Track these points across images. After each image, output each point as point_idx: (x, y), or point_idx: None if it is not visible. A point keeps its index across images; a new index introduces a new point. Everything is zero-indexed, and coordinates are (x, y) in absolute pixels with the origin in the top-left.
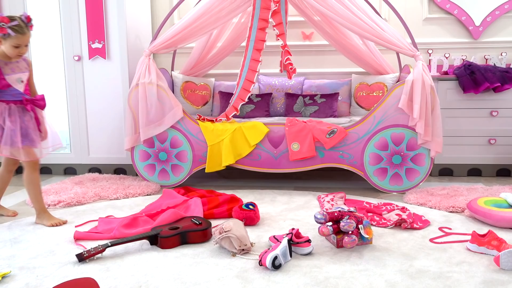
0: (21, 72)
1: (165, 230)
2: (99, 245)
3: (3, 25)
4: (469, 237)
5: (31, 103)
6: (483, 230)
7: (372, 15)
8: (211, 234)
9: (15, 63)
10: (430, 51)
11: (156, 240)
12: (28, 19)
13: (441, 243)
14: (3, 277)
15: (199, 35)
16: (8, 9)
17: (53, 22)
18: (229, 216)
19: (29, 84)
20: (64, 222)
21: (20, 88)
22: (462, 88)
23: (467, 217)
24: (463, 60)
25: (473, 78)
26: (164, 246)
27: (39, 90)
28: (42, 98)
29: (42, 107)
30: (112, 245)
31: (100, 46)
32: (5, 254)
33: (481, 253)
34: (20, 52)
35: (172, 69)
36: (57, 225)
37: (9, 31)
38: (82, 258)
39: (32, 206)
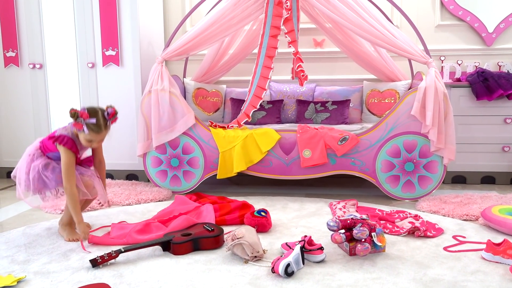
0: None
1: (178, 236)
2: (112, 251)
3: (80, 121)
4: (483, 246)
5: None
6: (498, 238)
7: (384, 22)
8: (224, 241)
9: (84, 148)
10: (442, 58)
11: (169, 246)
12: (112, 114)
13: (455, 251)
14: (18, 281)
15: (211, 42)
16: (25, 22)
17: (67, 29)
18: (241, 222)
19: (96, 154)
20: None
21: (82, 155)
22: (475, 95)
23: (481, 225)
24: (476, 67)
25: (486, 85)
26: (176, 252)
27: (54, 96)
28: (90, 160)
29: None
30: (125, 251)
31: (113, 53)
32: (20, 259)
33: (497, 262)
34: (93, 146)
35: (184, 76)
36: (74, 241)
37: (84, 128)
38: (95, 263)
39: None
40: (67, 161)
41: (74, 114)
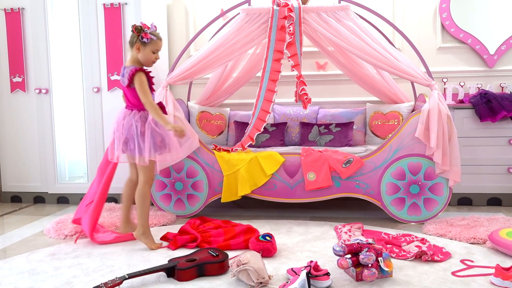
0: None
1: (182, 262)
2: (116, 278)
3: (146, 30)
4: (492, 270)
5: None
6: (506, 263)
7: (385, 45)
8: (228, 266)
9: None
10: (445, 80)
11: (173, 272)
12: (155, 28)
13: (464, 276)
14: None
15: (215, 66)
16: (32, 48)
17: (73, 55)
18: (246, 247)
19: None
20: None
21: None
22: (479, 116)
23: (489, 248)
24: (479, 88)
25: (489, 107)
26: (181, 279)
27: (60, 121)
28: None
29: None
30: (129, 278)
31: (119, 78)
32: (23, 286)
33: (506, 287)
34: (156, 58)
35: (188, 100)
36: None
37: (152, 36)
38: None
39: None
40: (145, 82)
41: (139, 27)
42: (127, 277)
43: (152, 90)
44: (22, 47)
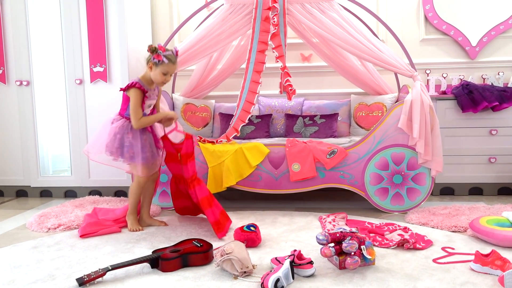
0: (152, 99)
1: (166, 253)
2: (99, 269)
3: (160, 52)
4: (472, 257)
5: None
6: (486, 249)
7: (369, 37)
8: (213, 257)
9: (152, 91)
10: (428, 71)
11: (157, 263)
12: (177, 53)
13: (445, 263)
14: None
15: (200, 58)
16: (12, 39)
17: (55, 46)
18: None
19: (156, 107)
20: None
21: (147, 111)
22: (461, 107)
23: (469, 236)
24: (461, 79)
25: (471, 98)
26: (165, 269)
27: (41, 113)
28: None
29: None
30: (112, 269)
31: (101, 69)
32: (5, 279)
33: (485, 273)
34: (165, 80)
35: (173, 92)
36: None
37: (164, 59)
38: (82, 282)
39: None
40: (137, 99)
41: (154, 48)
42: (110, 268)
43: (142, 108)
44: (2, 37)
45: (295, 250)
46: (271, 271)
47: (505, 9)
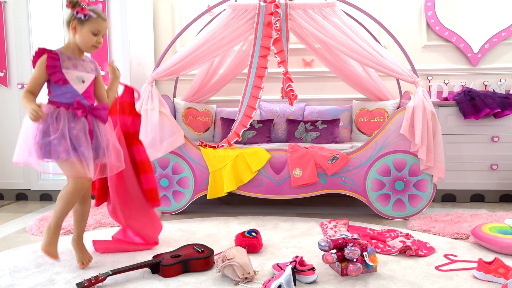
0: (84, 72)
1: (167, 258)
2: (99, 274)
3: (84, 6)
4: (475, 265)
5: (86, 110)
6: (489, 257)
7: (372, 43)
8: (214, 262)
9: (80, 61)
10: (429, 78)
11: (158, 268)
12: (104, 10)
13: (447, 270)
14: None
15: (201, 62)
16: (14, 42)
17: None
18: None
19: (96, 90)
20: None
21: (79, 89)
22: (463, 114)
23: (472, 243)
24: (463, 86)
25: (473, 104)
26: (165, 275)
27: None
28: (104, 107)
29: (102, 118)
30: (113, 274)
31: (103, 73)
32: (4, 283)
33: (488, 281)
34: (97, 42)
35: (174, 96)
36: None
37: (91, 13)
38: (82, 287)
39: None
40: (39, 67)
41: (74, 1)
42: (110, 273)
43: (59, 79)
44: (4, 41)
45: (296, 256)
46: (272, 277)
47: (507, 16)
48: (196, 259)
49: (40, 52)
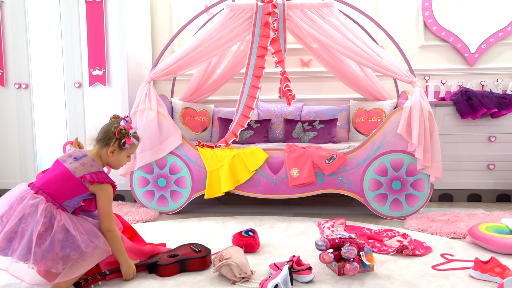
0: None
1: (164, 257)
2: (96, 274)
3: (130, 134)
4: (471, 264)
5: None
6: (485, 256)
7: (369, 43)
8: (211, 262)
9: None
10: (427, 78)
11: (155, 268)
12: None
13: (444, 270)
14: None
15: (199, 62)
16: (11, 41)
17: (54, 49)
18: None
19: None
20: None
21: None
22: (460, 113)
23: (468, 243)
24: (460, 86)
25: (470, 104)
26: (162, 274)
27: (40, 116)
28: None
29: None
30: (110, 274)
31: (100, 73)
32: (1, 282)
33: (485, 280)
34: (126, 162)
35: (172, 96)
36: None
37: (134, 141)
38: (79, 286)
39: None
40: (111, 199)
41: (124, 132)
42: (108, 273)
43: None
44: (1, 40)
45: (293, 256)
46: (269, 276)
47: (504, 17)
48: (193, 258)
49: (108, 181)
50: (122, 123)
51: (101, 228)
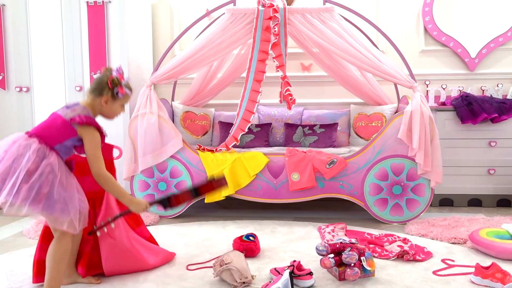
0: None
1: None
2: (109, 218)
3: (122, 83)
4: (472, 269)
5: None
6: (486, 262)
7: (370, 47)
8: (226, 183)
9: None
10: (427, 82)
11: (169, 202)
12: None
13: (445, 275)
14: None
15: (200, 66)
16: (12, 45)
17: (55, 52)
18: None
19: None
20: None
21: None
22: (460, 118)
23: (469, 248)
24: (460, 91)
25: (470, 109)
26: (175, 204)
27: (41, 119)
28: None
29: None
30: (121, 215)
31: None
32: (1, 287)
33: (485, 286)
34: (120, 113)
35: (173, 99)
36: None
37: (127, 91)
38: (93, 232)
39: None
40: (98, 143)
41: (116, 81)
42: (119, 215)
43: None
44: (3, 44)
45: (294, 261)
46: (270, 281)
47: (504, 22)
48: (204, 184)
49: (93, 123)
50: (114, 73)
51: (92, 174)
